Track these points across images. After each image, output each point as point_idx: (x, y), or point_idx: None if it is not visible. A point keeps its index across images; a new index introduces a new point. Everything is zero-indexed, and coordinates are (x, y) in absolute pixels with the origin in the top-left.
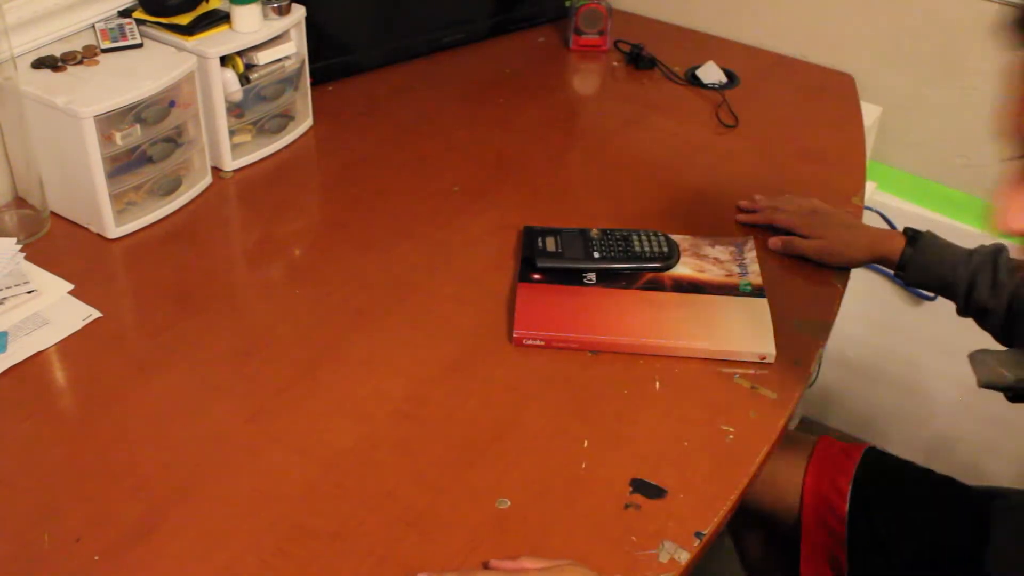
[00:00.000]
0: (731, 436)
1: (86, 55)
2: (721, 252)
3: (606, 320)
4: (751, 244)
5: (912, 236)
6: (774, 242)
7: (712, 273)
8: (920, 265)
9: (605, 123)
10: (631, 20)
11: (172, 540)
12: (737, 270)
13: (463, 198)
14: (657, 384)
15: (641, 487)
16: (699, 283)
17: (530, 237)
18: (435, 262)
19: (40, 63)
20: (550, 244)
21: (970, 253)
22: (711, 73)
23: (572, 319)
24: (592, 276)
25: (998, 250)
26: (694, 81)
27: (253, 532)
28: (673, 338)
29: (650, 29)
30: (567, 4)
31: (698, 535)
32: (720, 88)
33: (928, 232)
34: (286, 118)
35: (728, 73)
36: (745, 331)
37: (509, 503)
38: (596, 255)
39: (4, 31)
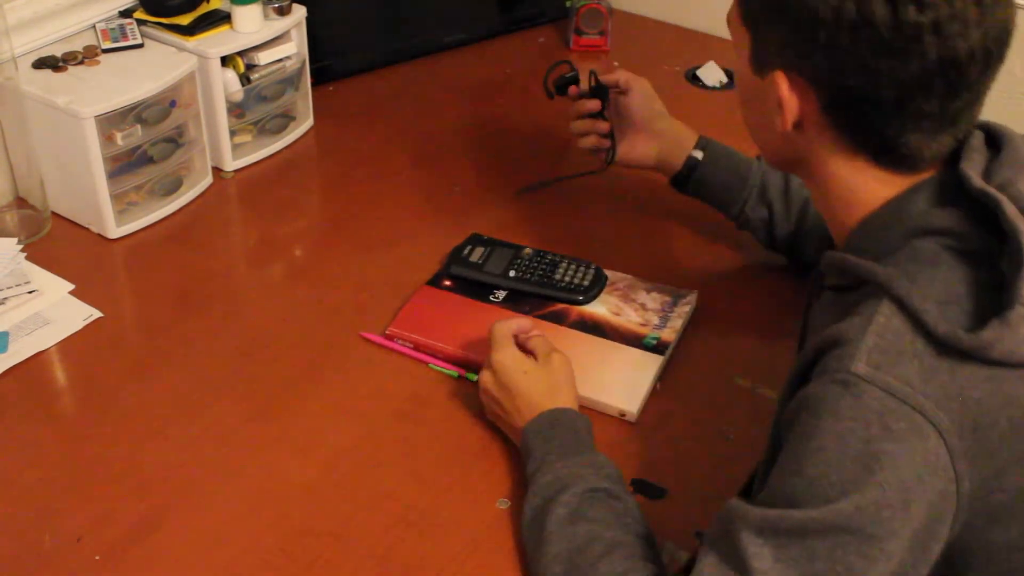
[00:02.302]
0: (731, 436)
1: (87, 55)
2: (652, 300)
3: (477, 338)
4: (691, 299)
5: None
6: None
7: (627, 318)
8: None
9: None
10: (631, 20)
11: (173, 540)
12: (656, 321)
13: (463, 198)
14: (657, 385)
15: (641, 487)
16: (604, 326)
17: (464, 244)
18: (435, 262)
19: (41, 63)
20: (475, 255)
21: (758, 157)
22: (712, 74)
23: (450, 330)
24: (501, 295)
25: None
26: (695, 81)
27: (254, 532)
28: None
29: (650, 29)
30: (568, 4)
31: (698, 535)
32: (721, 88)
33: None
34: (287, 118)
35: (729, 73)
36: (616, 384)
37: (509, 503)
38: (512, 274)
39: (5, 31)
